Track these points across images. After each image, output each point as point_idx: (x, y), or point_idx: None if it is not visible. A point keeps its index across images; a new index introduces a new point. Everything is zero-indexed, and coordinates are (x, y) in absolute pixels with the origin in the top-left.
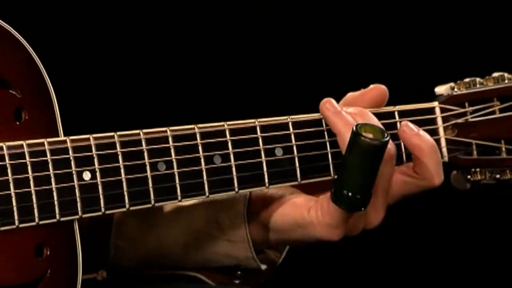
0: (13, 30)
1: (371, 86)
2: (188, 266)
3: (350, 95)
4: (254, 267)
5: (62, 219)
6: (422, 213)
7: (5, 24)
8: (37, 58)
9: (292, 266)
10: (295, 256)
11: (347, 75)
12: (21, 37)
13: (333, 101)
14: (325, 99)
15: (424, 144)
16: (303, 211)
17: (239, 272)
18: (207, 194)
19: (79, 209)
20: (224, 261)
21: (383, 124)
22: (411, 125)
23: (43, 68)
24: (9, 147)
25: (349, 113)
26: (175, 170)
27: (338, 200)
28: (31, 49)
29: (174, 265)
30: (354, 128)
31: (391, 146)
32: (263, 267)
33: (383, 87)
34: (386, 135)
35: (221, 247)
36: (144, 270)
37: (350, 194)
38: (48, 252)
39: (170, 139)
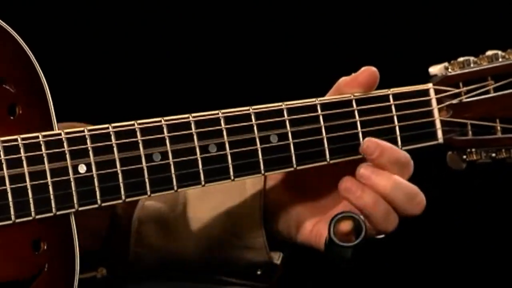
0: (6, 25)
1: (362, 68)
2: (207, 271)
3: (343, 80)
4: (273, 269)
5: (58, 213)
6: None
7: None
8: (31, 53)
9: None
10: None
11: (339, 58)
12: (14, 32)
13: (352, 180)
14: (344, 179)
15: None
16: (306, 230)
17: (258, 272)
18: (203, 183)
19: (75, 202)
20: (244, 266)
21: (377, 107)
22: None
23: (37, 63)
24: (3, 142)
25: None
26: (171, 160)
27: (327, 252)
28: (25, 44)
29: (193, 270)
30: (329, 224)
31: None
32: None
33: (373, 69)
34: (362, 231)
35: (240, 253)
36: (163, 274)
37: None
38: (45, 247)
39: (164, 128)
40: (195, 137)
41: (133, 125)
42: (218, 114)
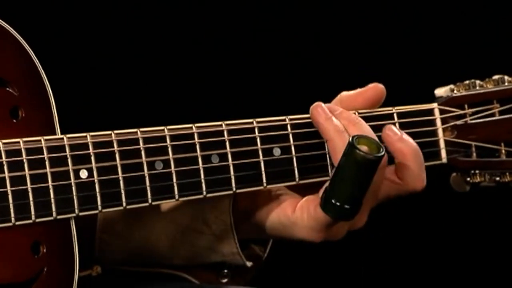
0: (11, 28)
1: (369, 85)
2: (175, 262)
3: (345, 94)
4: (239, 264)
5: (58, 217)
6: (420, 214)
7: (3, 22)
8: (35, 56)
9: (285, 266)
10: (286, 256)
11: (346, 75)
12: (18, 36)
13: (324, 106)
14: (316, 104)
15: (407, 148)
16: (288, 210)
17: (225, 271)
18: (204, 193)
19: (75, 207)
20: (210, 257)
21: (381, 125)
22: (394, 128)
23: (41, 66)
24: (5, 145)
25: (340, 120)
26: (173, 169)
27: (326, 208)
28: (29, 48)
29: (160, 260)
30: (350, 139)
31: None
32: (249, 264)
33: (381, 86)
34: (381, 149)
35: (207, 242)
36: (130, 265)
37: (338, 203)
38: (45, 250)
39: (167, 138)
40: (197, 147)
41: (136, 133)
42: (221, 125)
